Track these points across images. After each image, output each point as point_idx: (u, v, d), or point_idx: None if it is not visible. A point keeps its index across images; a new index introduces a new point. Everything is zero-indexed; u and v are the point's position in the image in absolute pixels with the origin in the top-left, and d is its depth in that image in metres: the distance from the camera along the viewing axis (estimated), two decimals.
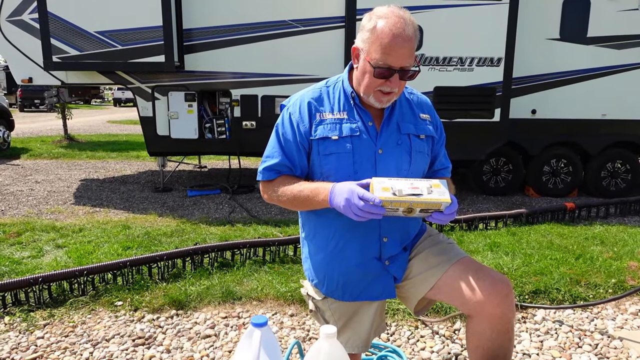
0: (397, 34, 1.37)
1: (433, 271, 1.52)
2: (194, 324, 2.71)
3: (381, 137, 1.52)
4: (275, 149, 1.55)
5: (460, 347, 2.52)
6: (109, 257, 3.56)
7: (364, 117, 1.53)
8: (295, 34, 5.76)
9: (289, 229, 4.46)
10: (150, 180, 7.00)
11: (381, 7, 1.44)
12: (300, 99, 1.56)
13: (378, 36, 1.39)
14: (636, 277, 3.28)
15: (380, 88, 1.44)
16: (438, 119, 1.67)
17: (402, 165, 1.52)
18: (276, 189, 1.54)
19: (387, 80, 1.42)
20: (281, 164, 1.54)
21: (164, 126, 5.95)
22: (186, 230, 4.40)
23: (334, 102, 1.55)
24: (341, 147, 1.49)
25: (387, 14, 1.41)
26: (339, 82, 1.59)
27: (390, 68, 1.40)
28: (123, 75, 5.81)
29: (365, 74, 1.45)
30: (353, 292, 1.56)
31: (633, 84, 6.01)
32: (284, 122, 1.56)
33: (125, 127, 15.88)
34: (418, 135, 1.56)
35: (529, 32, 5.79)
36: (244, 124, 5.97)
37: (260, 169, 1.59)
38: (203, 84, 5.90)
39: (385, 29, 1.38)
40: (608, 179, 6.35)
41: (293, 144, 1.52)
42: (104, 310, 2.82)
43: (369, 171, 1.49)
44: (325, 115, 1.52)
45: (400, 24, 1.38)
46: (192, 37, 5.73)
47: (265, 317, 1.06)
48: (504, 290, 1.42)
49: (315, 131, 1.51)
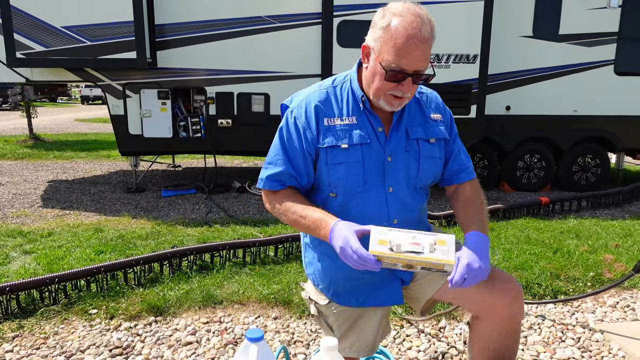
0: (412, 34, 1.25)
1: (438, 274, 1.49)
2: (174, 330, 2.61)
3: (390, 144, 1.43)
4: (279, 156, 1.44)
5: (447, 345, 2.51)
6: (81, 262, 3.41)
7: (374, 122, 1.42)
8: (271, 30, 5.66)
9: (268, 228, 4.38)
10: (122, 180, 6.79)
11: (396, 3, 1.32)
12: (305, 102, 1.44)
13: (392, 36, 1.27)
14: (612, 270, 3.35)
15: (392, 92, 1.34)
16: (449, 116, 1.57)
17: (410, 172, 1.45)
18: (279, 204, 1.44)
19: (399, 84, 1.31)
20: (286, 173, 1.43)
21: (137, 125, 5.76)
22: (162, 232, 4.27)
23: (342, 106, 1.43)
24: (351, 156, 1.39)
25: (402, 11, 1.29)
26: (346, 81, 1.47)
27: (403, 71, 1.29)
28: (92, 72, 5.59)
29: (375, 76, 1.34)
30: (359, 297, 1.50)
31: (602, 81, 6.17)
32: (288, 126, 1.44)
33: (94, 125, 15.40)
34: (428, 140, 1.47)
35: (504, 29, 5.86)
36: (219, 122, 5.85)
37: (262, 175, 1.48)
38: (177, 81, 5.74)
39: (399, 29, 1.26)
40: (579, 173, 6.51)
41: (299, 151, 1.42)
42: (77, 320, 2.69)
43: (377, 180, 1.42)
44: (334, 120, 1.41)
45: (416, 23, 1.26)
46: (165, 33, 5.56)
47: (261, 331, 0.99)
48: (514, 291, 1.40)
49: (323, 138, 1.40)
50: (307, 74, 5.82)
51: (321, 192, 1.47)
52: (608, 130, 6.32)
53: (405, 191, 1.46)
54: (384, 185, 1.44)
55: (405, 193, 1.46)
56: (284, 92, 5.80)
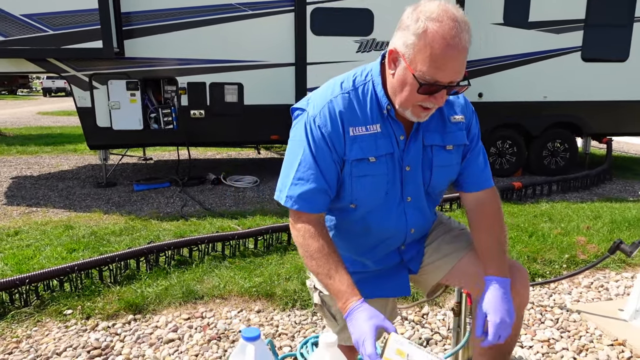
0: (452, 44, 1.11)
1: (447, 259, 1.49)
2: (155, 328, 2.54)
3: (409, 153, 1.33)
4: (312, 170, 1.28)
5: (430, 331, 2.54)
6: (52, 261, 3.27)
7: (397, 131, 1.31)
8: (244, 18, 5.54)
9: (246, 221, 4.32)
10: (92, 175, 6.56)
11: (430, 4, 1.16)
12: (329, 109, 1.29)
13: (428, 44, 1.12)
14: (586, 251, 3.45)
15: (422, 103, 1.21)
16: (471, 116, 1.43)
17: (425, 180, 1.38)
18: (307, 237, 1.28)
19: (431, 96, 1.19)
20: (321, 190, 1.29)
21: (105, 117, 5.56)
22: (136, 227, 4.15)
23: (366, 112, 1.30)
24: (377, 168, 1.31)
25: (440, 15, 1.13)
26: (368, 83, 1.32)
27: (437, 83, 1.16)
28: (55, 62, 5.35)
29: (405, 86, 1.20)
30: (366, 289, 1.47)
31: (571, 67, 6.31)
32: (314, 137, 1.28)
33: (58, 118, 14.84)
34: (444, 147, 1.36)
35: (475, 16, 5.90)
36: (192, 113, 5.71)
37: (289, 192, 1.31)
38: (146, 72, 5.56)
39: (437, 37, 1.12)
40: (549, 158, 6.68)
41: (331, 163, 1.29)
42: (51, 321, 2.58)
43: (397, 190, 1.37)
44: (360, 129, 1.28)
45: (455, 31, 1.12)
46: (132, 22, 5.36)
47: (258, 330, 0.96)
48: (522, 279, 1.39)
49: (350, 150, 1.28)
50: (281, 63, 5.74)
51: (340, 201, 1.38)
52: (576, 115, 6.49)
53: (423, 200, 1.42)
54: (403, 196, 1.38)
55: (423, 202, 1.42)
56: (258, 82, 5.73)
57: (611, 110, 6.51)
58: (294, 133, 1.35)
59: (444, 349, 2.37)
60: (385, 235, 1.44)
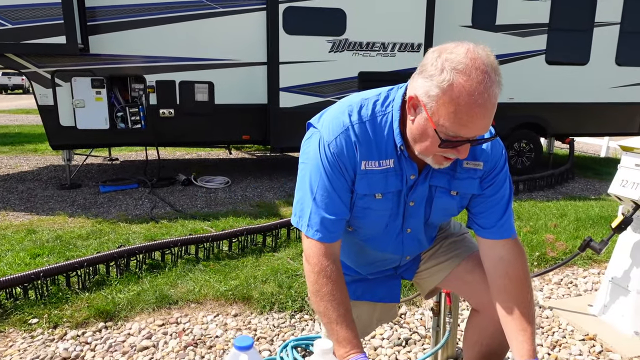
0: (481, 102, 1.00)
1: (442, 266, 1.50)
2: (127, 335, 2.45)
3: (416, 190, 1.28)
4: (333, 198, 1.22)
5: (409, 331, 2.55)
6: (14, 268, 3.11)
7: (408, 170, 1.25)
8: (214, 15, 5.44)
9: (219, 222, 4.23)
10: (54, 176, 6.29)
11: (458, 51, 1.04)
12: (344, 136, 1.20)
13: (454, 100, 1.02)
14: (555, 249, 3.55)
15: (444, 154, 1.13)
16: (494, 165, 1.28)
17: (425, 214, 1.35)
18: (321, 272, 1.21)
19: (455, 148, 1.10)
20: (342, 219, 1.24)
21: (69, 116, 5.34)
22: (104, 230, 4.00)
23: (381, 146, 1.22)
24: (383, 204, 1.27)
25: (467, 67, 1.01)
26: (387, 115, 1.22)
27: (461, 139, 1.07)
28: (14, 58, 5.10)
29: (425, 138, 1.11)
30: (357, 290, 1.48)
31: (536, 70, 6.51)
32: (330, 163, 1.21)
33: (15, 117, 14.18)
34: (449, 191, 1.29)
35: (445, 18, 6.00)
36: (161, 112, 5.56)
37: (311, 220, 1.23)
38: (112, 69, 5.37)
39: (463, 93, 1.01)
40: (515, 157, 6.86)
41: (347, 190, 1.24)
42: (15, 331, 2.45)
43: (398, 223, 1.34)
44: (372, 164, 1.22)
45: (484, 86, 1.01)
46: (97, 17, 5.17)
47: (251, 339, 0.92)
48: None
49: (359, 183, 1.23)
50: (253, 62, 5.67)
51: None
52: (541, 116, 6.70)
53: (422, 232, 1.40)
54: (403, 227, 1.37)
55: (422, 234, 1.41)
56: (229, 81, 5.64)
57: (573, 112, 6.75)
58: (307, 152, 1.27)
59: (422, 348, 2.39)
60: (380, 257, 1.45)
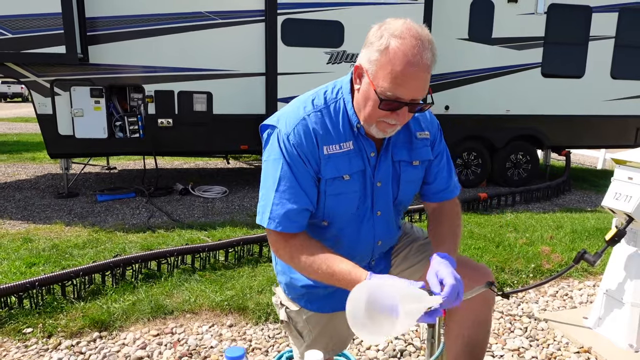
0: (413, 61, 1.13)
1: (415, 269, 1.51)
2: (122, 345, 2.44)
3: (380, 169, 1.35)
4: (295, 189, 1.27)
5: (404, 342, 2.54)
6: (9, 277, 3.10)
7: (367, 148, 1.33)
8: (213, 26, 5.49)
9: (216, 232, 4.23)
10: (52, 185, 6.29)
11: (395, 22, 1.19)
12: (302, 126, 1.28)
13: (390, 61, 1.14)
14: (550, 261, 3.56)
15: (386, 119, 1.23)
16: (437, 131, 1.47)
17: (393, 194, 1.41)
18: (298, 252, 1.28)
19: (394, 112, 1.20)
20: (304, 209, 1.29)
21: (67, 125, 5.36)
22: (100, 239, 3.99)
23: (338, 130, 1.30)
24: (351, 186, 1.32)
25: (403, 32, 1.15)
26: (339, 101, 1.32)
27: (399, 100, 1.17)
28: (14, 67, 5.13)
29: (368, 102, 1.22)
30: (335, 303, 1.47)
31: (531, 82, 6.57)
32: (289, 154, 1.27)
33: (14, 125, 14.19)
34: (411, 162, 1.39)
35: (442, 31, 6.06)
36: (159, 122, 5.59)
37: (272, 214, 1.28)
38: (111, 79, 5.40)
39: (399, 54, 1.13)
40: (512, 169, 6.89)
41: (310, 179, 1.29)
42: (9, 340, 2.44)
43: (368, 206, 1.38)
44: (334, 148, 1.29)
45: (417, 49, 1.13)
46: (97, 27, 5.21)
47: (242, 349, 0.93)
48: (487, 277, 1.43)
49: (324, 169, 1.28)
50: (251, 73, 5.71)
51: (312, 218, 1.36)
52: (537, 128, 6.74)
53: (392, 213, 1.44)
54: (373, 210, 1.40)
55: (390, 215, 1.44)
56: (228, 91, 5.68)
57: (568, 124, 6.80)
58: (268, 152, 1.32)
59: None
60: (354, 249, 1.44)
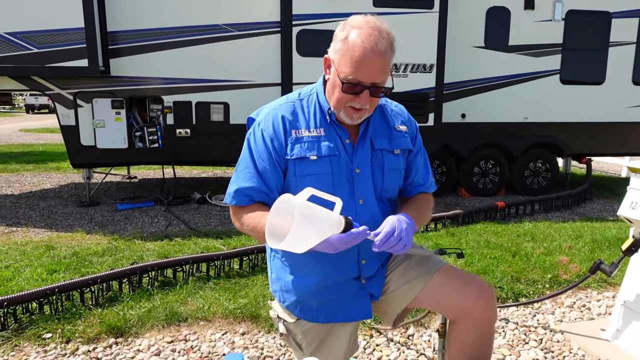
0: (369, 47, 1.28)
1: (413, 284, 1.50)
2: (137, 352, 2.49)
3: (357, 155, 1.45)
4: (249, 170, 1.41)
5: (416, 352, 2.53)
6: (31, 283, 3.20)
7: (341, 135, 1.44)
8: (230, 38, 5.59)
9: (232, 240, 4.28)
10: (74, 194, 6.46)
11: (357, 17, 1.35)
12: (272, 114, 1.43)
13: (349, 48, 1.30)
14: (568, 271, 3.50)
15: (351, 104, 1.36)
16: (415, 129, 1.59)
17: (376, 183, 1.47)
18: (247, 220, 1.39)
19: (357, 96, 1.33)
20: (256, 190, 1.41)
21: (89, 135, 5.52)
22: (119, 247, 4.09)
23: (309, 118, 1.44)
24: (320, 167, 1.40)
25: (361, 24, 1.32)
26: (312, 94, 1.48)
27: (360, 83, 1.31)
28: (40, 80, 5.32)
29: (335, 88, 1.37)
30: (329, 313, 1.48)
31: (549, 89, 6.48)
32: (256, 139, 1.42)
33: (40, 136, 14.63)
34: (392, 151, 1.49)
35: (457, 40, 6.05)
36: (177, 132, 5.70)
37: (230, 190, 1.44)
38: (132, 90, 5.55)
39: (357, 41, 1.29)
40: (531, 177, 6.79)
41: (268, 163, 1.40)
42: (29, 345, 2.51)
43: (347, 192, 1.42)
44: (302, 132, 1.41)
45: (373, 37, 1.29)
46: (118, 41, 5.37)
47: (242, 355, 0.95)
48: (489, 293, 1.44)
49: (291, 150, 1.40)
50: (267, 83, 5.79)
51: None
52: (556, 136, 6.64)
53: (375, 203, 1.47)
54: (354, 198, 1.44)
55: (374, 205, 1.47)
56: (244, 101, 5.76)
57: (589, 132, 6.68)
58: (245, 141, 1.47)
59: None
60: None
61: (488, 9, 6.17)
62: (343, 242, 1.21)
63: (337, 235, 1.21)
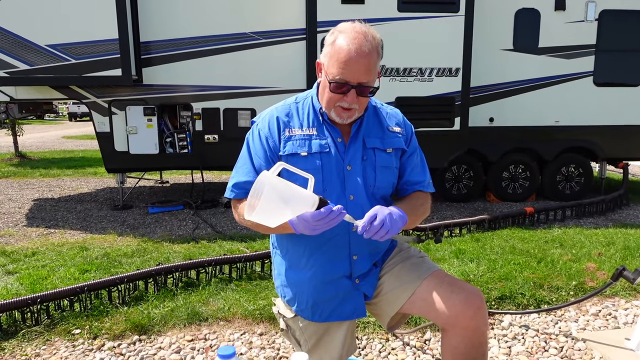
0: (353, 49, 1.37)
1: (405, 287, 1.51)
2: (159, 349, 2.59)
3: (348, 153, 1.51)
4: (246, 165, 1.53)
5: (432, 357, 2.52)
6: (64, 282, 3.37)
7: (333, 134, 1.52)
8: (257, 46, 5.72)
9: (255, 244, 4.37)
10: (109, 197, 6.74)
11: (345, 23, 1.45)
12: (269, 115, 1.55)
13: (336, 51, 1.40)
14: (595, 279, 3.39)
15: (340, 104, 1.44)
16: (410, 131, 1.65)
17: (368, 180, 1.51)
18: (242, 211, 1.45)
19: (345, 95, 1.42)
20: (252, 183, 1.46)
21: (122, 141, 5.75)
22: (148, 249, 4.24)
23: (303, 118, 1.54)
24: (310, 163, 1.47)
25: (347, 29, 1.41)
26: (308, 98, 1.58)
27: (347, 83, 1.39)
28: (77, 89, 5.59)
29: (325, 89, 1.46)
30: (323, 312, 1.53)
31: (582, 92, 6.29)
32: (254, 139, 1.54)
33: (81, 142, 15.30)
34: (385, 149, 1.54)
35: (484, 43, 5.97)
36: (206, 138, 5.86)
37: (229, 184, 1.55)
38: (163, 98, 5.75)
39: (342, 44, 1.39)
40: (563, 182, 6.60)
41: (264, 160, 1.50)
42: (60, 340, 2.66)
43: (338, 188, 1.48)
44: (295, 131, 1.51)
45: (358, 39, 1.38)
46: (150, 50, 5.59)
47: (233, 348, 1.00)
48: (476, 302, 1.43)
49: (284, 147, 1.49)
50: (293, 89, 5.87)
51: None
52: (589, 140, 6.43)
53: (366, 200, 1.51)
54: (345, 194, 1.49)
55: (365, 201, 1.51)
56: None
57: (624, 135, 6.44)
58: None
59: None
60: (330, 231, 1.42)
61: (517, 10, 6.07)
62: (318, 219, 1.22)
63: (312, 212, 1.23)
